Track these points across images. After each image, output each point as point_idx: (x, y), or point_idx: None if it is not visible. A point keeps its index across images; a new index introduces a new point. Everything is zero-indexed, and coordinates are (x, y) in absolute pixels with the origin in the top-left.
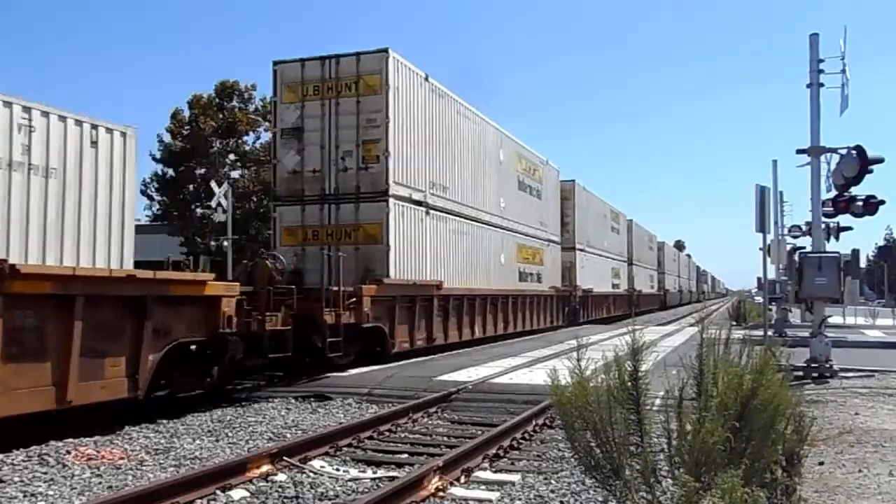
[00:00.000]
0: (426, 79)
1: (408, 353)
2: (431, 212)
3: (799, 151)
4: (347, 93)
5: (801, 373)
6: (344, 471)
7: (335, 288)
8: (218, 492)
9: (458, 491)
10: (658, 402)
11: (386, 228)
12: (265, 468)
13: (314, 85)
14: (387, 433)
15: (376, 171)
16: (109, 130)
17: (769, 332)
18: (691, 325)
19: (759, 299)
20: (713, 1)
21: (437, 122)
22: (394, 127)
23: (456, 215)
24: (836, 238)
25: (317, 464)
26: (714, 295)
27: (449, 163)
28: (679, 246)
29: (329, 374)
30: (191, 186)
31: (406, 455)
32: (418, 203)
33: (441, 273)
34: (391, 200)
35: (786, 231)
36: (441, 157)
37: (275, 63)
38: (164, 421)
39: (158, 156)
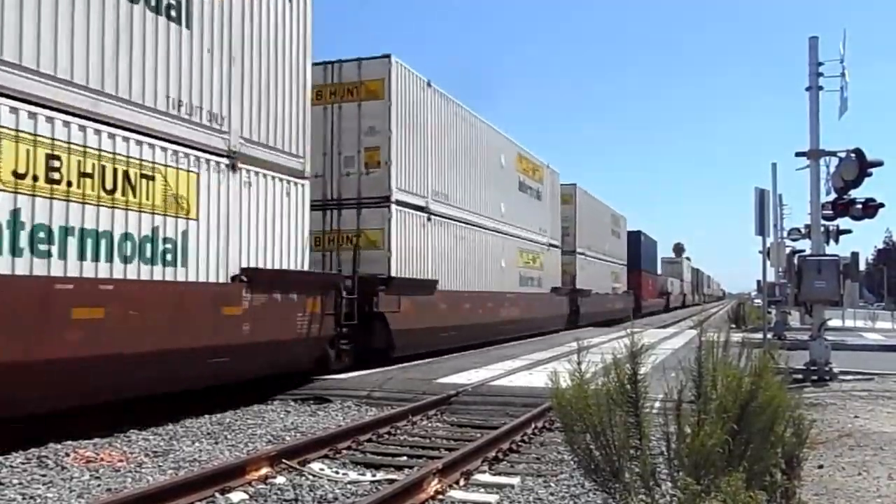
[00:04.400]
0: None
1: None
2: None
3: (798, 154)
4: None
5: (800, 375)
6: (343, 473)
7: None
8: (217, 494)
9: (457, 494)
10: (657, 404)
11: None
12: (264, 471)
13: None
14: (386, 436)
15: None
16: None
17: (768, 335)
18: (691, 327)
19: (759, 302)
20: (714, 7)
21: None
22: None
23: None
24: (836, 241)
25: (316, 466)
26: (706, 298)
27: None
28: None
29: (328, 377)
30: None
31: (405, 458)
32: None
33: None
34: None
35: (785, 234)
36: None
37: None
38: (164, 423)
39: None
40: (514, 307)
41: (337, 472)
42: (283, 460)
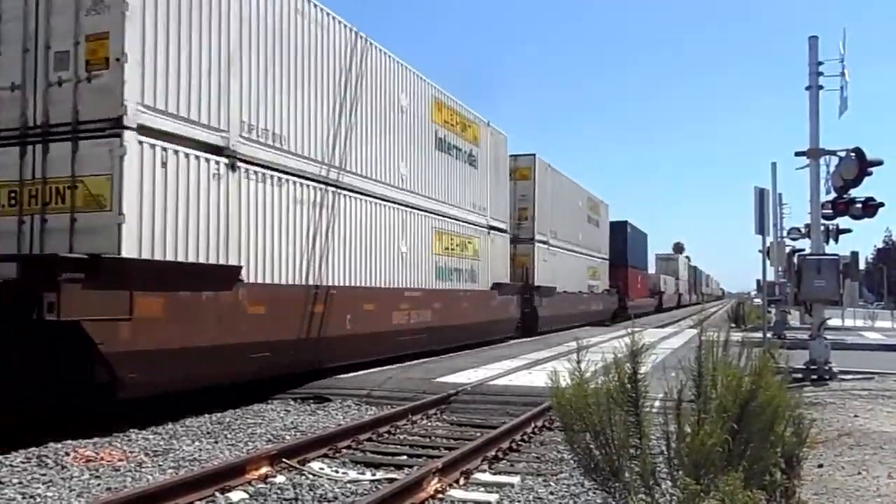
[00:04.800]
0: None
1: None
2: None
3: (798, 154)
4: None
5: (800, 375)
6: (343, 472)
7: None
8: (217, 493)
9: (457, 493)
10: (657, 404)
11: None
12: (264, 470)
13: None
14: (386, 435)
15: None
16: None
17: (768, 335)
18: (690, 327)
19: (759, 301)
20: (714, 7)
21: None
22: None
23: None
24: (836, 240)
25: (316, 465)
26: (705, 297)
27: None
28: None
29: (329, 376)
30: None
31: (405, 457)
32: None
33: None
34: None
35: (785, 233)
36: None
37: None
38: (163, 422)
39: None
40: (423, 310)
41: (337, 472)
42: (283, 459)
